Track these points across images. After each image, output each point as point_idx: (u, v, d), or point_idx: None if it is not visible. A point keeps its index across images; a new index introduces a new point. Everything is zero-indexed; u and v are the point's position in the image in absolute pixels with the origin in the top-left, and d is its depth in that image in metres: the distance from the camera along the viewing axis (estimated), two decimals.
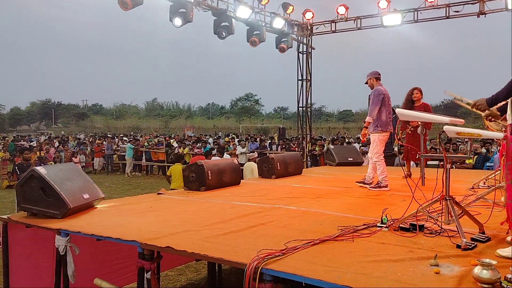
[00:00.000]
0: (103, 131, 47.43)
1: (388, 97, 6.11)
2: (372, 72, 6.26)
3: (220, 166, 6.15)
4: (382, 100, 5.97)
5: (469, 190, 5.43)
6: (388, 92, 6.16)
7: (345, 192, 5.74)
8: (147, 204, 4.80)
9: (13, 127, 62.59)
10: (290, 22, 12.63)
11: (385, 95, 6.03)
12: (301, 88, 13.63)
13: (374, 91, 6.09)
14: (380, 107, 5.98)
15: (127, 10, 8.21)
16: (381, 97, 5.98)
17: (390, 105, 6.16)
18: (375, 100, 5.99)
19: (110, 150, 19.35)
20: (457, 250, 2.85)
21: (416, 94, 7.11)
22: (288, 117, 63.76)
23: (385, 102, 6.02)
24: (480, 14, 10.52)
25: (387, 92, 6.12)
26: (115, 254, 4.66)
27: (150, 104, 78.85)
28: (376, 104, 5.97)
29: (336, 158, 9.26)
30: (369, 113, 6.05)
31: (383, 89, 6.08)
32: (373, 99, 6.03)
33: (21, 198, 4.09)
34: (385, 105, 6.02)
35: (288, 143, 18.70)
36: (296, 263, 2.60)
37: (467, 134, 3.37)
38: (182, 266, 6.04)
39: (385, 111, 6.01)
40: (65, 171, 4.43)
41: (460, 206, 3.32)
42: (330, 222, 3.79)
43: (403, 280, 2.32)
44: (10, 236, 4.10)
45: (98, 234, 3.47)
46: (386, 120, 6.02)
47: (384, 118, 6.01)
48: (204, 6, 9.82)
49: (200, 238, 3.24)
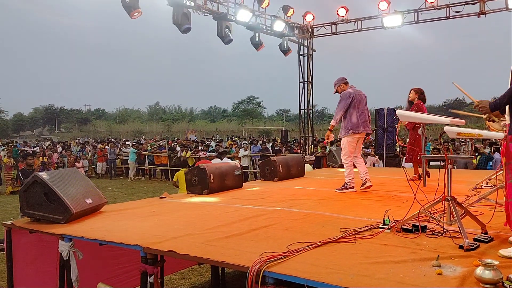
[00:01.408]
0: (106, 135, 47.51)
1: (359, 98, 5.99)
2: (338, 79, 6.21)
3: (222, 169, 6.16)
4: (350, 103, 5.89)
5: (472, 190, 5.42)
6: (362, 92, 6.08)
7: (348, 194, 5.74)
8: (150, 208, 4.81)
9: (16, 133, 62.81)
10: (290, 25, 12.66)
11: (354, 97, 5.93)
12: (302, 90, 13.67)
13: (341, 94, 6.02)
14: (348, 109, 5.91)
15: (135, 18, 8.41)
16: (348, 100, 5.89)
17: (362, 106, 6.05)
18: (341, 104, 5.94)
19: (113, 155, 19.40)
20: (460, 250, 2.85)
21: (409, 95, 7.10)
22: (290, 119, 63.78)
23: (355, 103, 5.92)
24: (481, 14, 10.53)
25: (359, 93, 6.03)
26: (118, 259, 4.67)
27: (152, 108, 79.05)
28: (340, 108, 5.93)
29: (338, 160, 9.26)
30: (334, 117, 6.04)
31: (352, 91, 5.98)
32: (339, 103, 5.98)
33: (25, 203, 4.11)
34: (355, 107, 5.92)
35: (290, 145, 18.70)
36: (298, 265, 2.60)
37: (467, 135, 3.37)
38: (186, 270, 6.05)
39: (355, 113, 5.92)
40: (68, 176, 4.45)
41: (462, 206, 3.31)
42: (332, 224, 3.79)
43: (405, 281, 2.32)
44: (14, 242, 4.11)
45: (101, 239, 3.48)
46: (357, 122, 5.91)
47: (355, 120, 5.91)
48: (204, 10, 9.86)
49: (202, 242, 3.24)
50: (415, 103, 6.96)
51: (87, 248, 3.94)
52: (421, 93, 7.06)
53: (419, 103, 6.95)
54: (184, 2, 9.23)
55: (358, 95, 6.02)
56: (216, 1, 10.23)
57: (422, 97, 7.05)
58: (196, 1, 9.55)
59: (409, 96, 7.08)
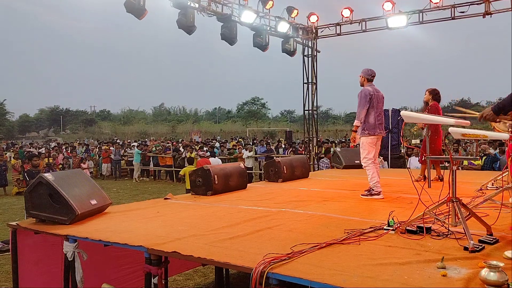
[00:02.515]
0: (111, 136, 47.68)
1: (378, 98, 5.65)
2: (366, 70, 5.76)
3: (226, 170, 6.17)
4: (369, 101, 5.53)
5: (477, 191, 5.39)
6: (380, 92, 5.72)
7: (352, 195, 5.72)
8: (154, 209, 4.82)
9: (22, 134, 63.18)
10: (294, 26, 12.65)
11: (373, 96, 5.57)
12: (307, 91, 13.64)
13: (361, 91, 5.63)
14: (368, 108, 5.55)
15: (141, 18, 8.43)
16: (367, 97, 5.53)
17: (380, 107, 5.71)
18: (362, 102, 5.55)
19: (118, 156, 19.46)
20: (465, 252, 2.83)
21: (424, 96, 7.07)
22: (295, 120, 63.73)
23: (373, 103, 5.57)
24: (486, 15, 10.46)
25: (378, 92, 5.68)
26: (123, 260, 4.69)
27: (157, 109, 79.20)
28: (363, 105, 5.54)
29: (343, 161, 9.24)
30: (357, 116, 5.62)
31: (371, 89, 5.61)
32: (360, 101, 5.59)
33: (30, 204, 4.13)
34: (374, 107, 5.58)
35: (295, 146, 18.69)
36: (302, 267, 2.60)
37: (472, 135, 3.35)
38: (190, 271, 6.05)
39: (373, 113, 5.57)
40: (73, 177, 4.47)
41: (467, 208, 3.30)
42: (336, 225, 3.79)
43: (410, 283, 2.31)
44: (19, 243, 4.14)
45: (105, 240, 3.50)
46: (374, 123, 5.57)
47: (372, 121, 5.57)
48: (209, 12, 9.87)
49: (206, 243, 3.25)
50: (431, 104, 6.92)
51: (92, 249, 3.95)
52: (436, 93, 7.00)
53: (435, 104, 6.90)
54: (188, 4, 9.25)
55: (377, 94, 5.66)
56: (221, 3, 10.25)
57: (436, 98, 6.98)
58: (200, 2, 9.56)
59: (424, 97, 7.08)
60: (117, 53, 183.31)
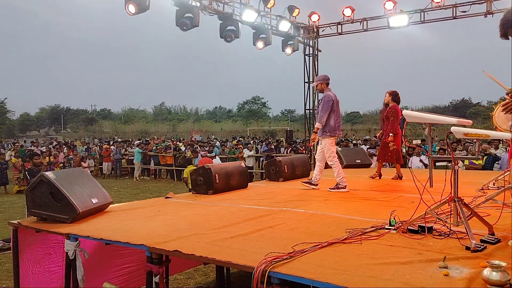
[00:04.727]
0: (111, 135, 47.70)
1: (337, 102, 6.26)
2: (322, 76, 6.47)
3: (227, 169, 6.17)
4: (331, 106, 6.13)
5: (479, 191, 5.39)
6: (337, 97, 6.30)
7: (353, 195, 5.72)
8: (155, 208, 4.82)
9: (23, 133, 63.22)
10: (296, 25, 12.63)
11: (334, 101, 6.18)
12: (308, 91, 13.62)
13: (324, 97, 6.23)
14: (329, 112, 6.13)
15: (132, 15, 8.34)
16: (330, 103, 6.13)
17: (338, 110, 6.34)
18: (325, 106, 6.14)
19: (119, 155, 19.48)
20: (466, 252, 2.83)
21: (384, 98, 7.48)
22: (296, 120, 63.66)
23: (334, 107, 6.18)
24: (488, 14, 10.43)
25: (336, 97, 6.26)
26: (124, 258, 4.69)
27: (158, 108, 79.22)
28: (325, 110, 6.13)
29: (344, 160, 9.22)
30: (318, 119, 6.22)
31: (332, 94, 6.22)
32: (323, 105, 6.18)
33: (31, 203, 4.13)
34: (334, 111, 6.18)
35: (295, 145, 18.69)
36: (304, 266, 2.60)
37: (474, 135, 3.34)
38: (191, 270, 6.05)
39: (333, 117, 6.17)
40: (74, 176, 4.47)
41: (469, 207, 3.29)
42: (338, 224, 3.78)
43: (411, 282, 2.31)
44: (21, 241, 4.14)
45: (106, 238, 3.49)
46: (334, 125, 6.19)
47: (332, 124, 6.17)
48: (210, 10, 9.86)
49: (208, 242, 3.25)
50: (390, 106, 7.33)
51: (93, 248, 3.95)
52: (395, 95, 7.42)
53: (394, 105, 7.32)
54: (189, 3, 9.23)
55: (337, 100, 6.27)
56: (222, 1, 10.24)
57: (396, 99, 7.41)
58: (201, 1, 9.55)
59: (384, 99, 7.46)
60: (118, 52, 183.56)
